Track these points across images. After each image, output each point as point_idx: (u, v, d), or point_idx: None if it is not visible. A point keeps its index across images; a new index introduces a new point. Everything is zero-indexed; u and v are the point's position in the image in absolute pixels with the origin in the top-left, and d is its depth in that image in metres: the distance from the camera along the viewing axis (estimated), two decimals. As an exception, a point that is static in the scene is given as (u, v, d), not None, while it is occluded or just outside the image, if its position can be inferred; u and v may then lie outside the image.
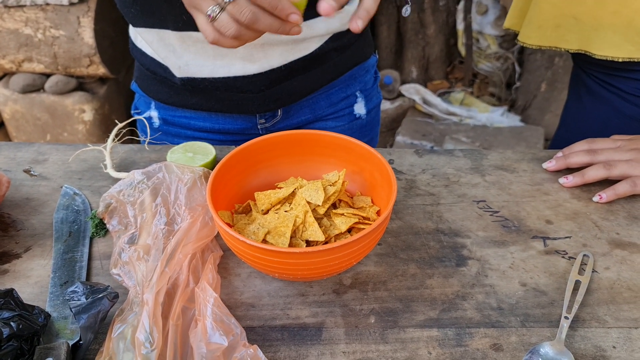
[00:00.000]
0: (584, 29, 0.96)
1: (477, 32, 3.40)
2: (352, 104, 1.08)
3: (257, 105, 0.97)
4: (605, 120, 1.01)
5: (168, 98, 1.00)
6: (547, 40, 1.02)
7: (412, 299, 0.67)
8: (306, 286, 0.69)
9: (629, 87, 0.96)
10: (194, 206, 0.72)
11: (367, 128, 1.13)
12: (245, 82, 0.92)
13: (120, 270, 0.68)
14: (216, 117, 1.02)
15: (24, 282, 0.70)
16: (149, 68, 0.99)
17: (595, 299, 0.67)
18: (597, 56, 0.95)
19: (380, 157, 0.72)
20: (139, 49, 0.99)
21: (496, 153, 0.94)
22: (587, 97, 1.06)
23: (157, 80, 0.99)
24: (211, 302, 0.60)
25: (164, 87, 0.99)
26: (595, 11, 0.93)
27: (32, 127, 2.51)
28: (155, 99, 1.03)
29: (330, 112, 1.06)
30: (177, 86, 0.96)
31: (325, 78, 1.01)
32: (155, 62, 0.97)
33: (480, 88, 3.26)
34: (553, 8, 0.98)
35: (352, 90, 1.08)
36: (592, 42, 0.95)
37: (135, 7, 0.89)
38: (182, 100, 0.99)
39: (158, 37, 0.90)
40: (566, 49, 1.00)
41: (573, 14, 0.96)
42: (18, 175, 0.89)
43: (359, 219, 0.70)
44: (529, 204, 0.83)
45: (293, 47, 0.91)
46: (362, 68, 1.08)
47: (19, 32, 2.28)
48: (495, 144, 2.67)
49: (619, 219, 0.80)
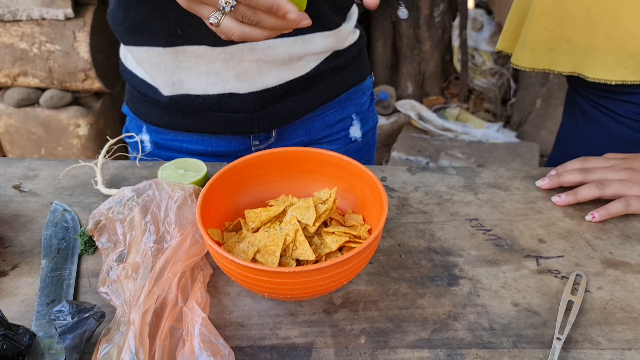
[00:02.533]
0: (577, 52, 0.96)
1: (473, 48, 3.43)
2: (348, 127, 1.07)
3: (250, 126, 0.95)
4: (598, 141, 1.01)
5: (159, 120, 0.98)
6: (540, 63, 1.02)
7: (403, 319, 0.67)
8: (296, 305, 0.68)
9: (622, 109, 0.96)
10: (184, 224, 0.71)
11: (363, 151, 1.12)
12: (239, 101, 0.91)
13: (108, 288, 0.67)
14: (209, 139, 1.00)
15: (10, 301, 0.69)
16: (139, 90, 0.97)
17: (588, 320, 0.66)
18: (590, 79, 0.95)
19: (371, 175, 0.71)
20: (130, 70, 0.98)
21: (489, 171, 0.94)
22: (581, 118, 1.06)
23: (148, 103, 0.98)
24: (199, 322, 0.59)
25: (156, 109, 0.97)
26: (587, 34, 0.93)
27: (26, 141, 2.51)
28: (146, 122, 1.01)
29: (326, 134, 1.05)
30: (169, 108, 0.95)
31: (320, 99, 1.00)
32: (146, 84, 0.95)
33: (476, 104, 3.27)
34: (545, 31, 0.99)
35: (347, 112, 1.06)
36: (585, 65, 0.96)
37: (124, 24, 0.88)
38: (174, 123, 0.97)
39: (148, 55, 0.89)
40: (559, 71, 1.01)
41: (565, 37, 0.96)
42: (7, 192, 0.88)
43: (350, 237, 0.70)
44: (521, 222, 0.82)
45: (289, 66, 0.90)
46: (358, 90, 1.07)
47: (15, 47, 2.29)
48: (490, 160, 2.67)
49: (612, 238, 0.79)
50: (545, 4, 0.97)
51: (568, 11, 0.95)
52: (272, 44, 0.86)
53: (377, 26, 3.19)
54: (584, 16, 0.93)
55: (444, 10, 3.15)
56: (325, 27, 0.91)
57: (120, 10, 0.88)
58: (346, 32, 0.96)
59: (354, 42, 1.01)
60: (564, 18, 0.96)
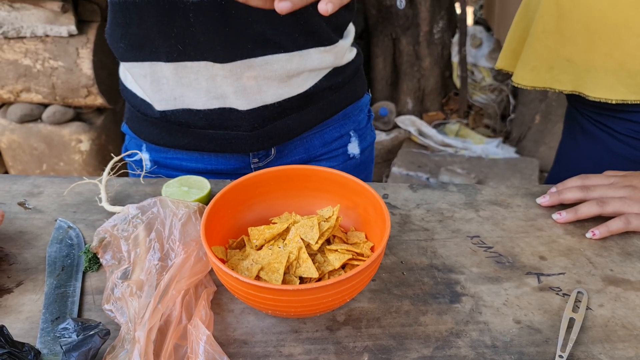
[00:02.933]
0: (577, 71, 0.97)
1: (472, 64, 3.45)
2: (346, 144, 1.08)
3: (250, 144, 0.96)
4: (598, 159, 1.02)
5: (159, 139, 0.99)
6: (541, 82, 1.03)
7: (405, 336, 0.67)
8: (299, 322, 0.69)
9: (622, 127, 0.97)
10: (188, 241, 0.72)
11: (361, 167, 1.13)
12: (238, 118, 0.92)
13: (112, 306, 0.67)
14: (208, 157, 1.01)
15: (14, 318, 0.69)
16: (139, 109, 0.98)
17: (589, 337, 0.67)
18: (590, 98, 0.97)
19: (374, 192, 0.72)
20: (129, 90, 0.99)
21: (490, 188, 0.95)
22: (581, 136, 1.07)
23: (148, 122, 0.98)
24: (203, 340, 0.59)
25: (155, 128, 0.98)
26: (588, 53, 0.95)
27: (28, 157, 2.52)
28: (146, 141, 1.02)
29: (324, 151, 1.06)
30: (168, 126, 0.96)
31: (319, 117, 1.01)
32: (145, 103, 0.96)
33: (475, 120, 3.29)
34: (546, 50, 1.00)
35: (345, 129, 1.07)
36: (585, 84, 0.97)
37: (124, 40, 0.89)
38: (173, 141, 0.98)
39: (150, 71, 0.90)
40: (560, 90, 1.02)
41: (566, 55, 0.98)
42: (12, 208, 0.89)
43: (353, 255, 0.70)
44: (522, 239, 0.83)
45: (288, 84, 0.92)
46: (355, 107, 1.08)
47: (18, 63, 2.30)
48: (490, 176, 2.68)
49: (612, 255, 0.80)
50: (546, 23, 0.99)
51: (569, 30, 0.96)
52: (268, 60, 0.87)
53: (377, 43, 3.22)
54: (585, 36, 0.94)
55: (444, 27, 3.18)
56: (322, 42, 0.92)
57: (119, 28, 0.89)
58: (343, 49, 0.97)
59: (352, 60, 1.03)
60: (565, 37, 0.97)
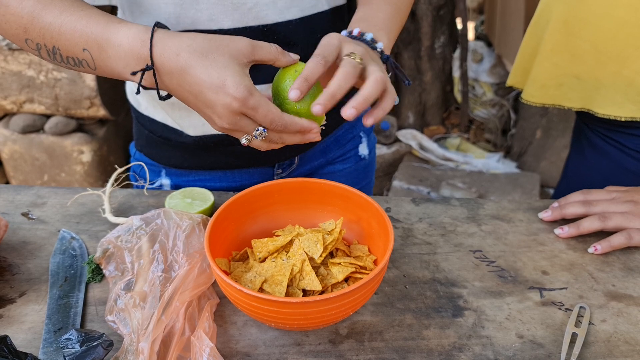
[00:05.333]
0: (586, 88, 0.98)
1: (473, 79, 3.47)
2: (358, 145, 1.11)
3: (276, 154, 0.95)
4: (607, 174, 1.02)
5: (182, 162, 0.99)
6: (551, 99, 1.04)
7: (408, 350, 0.67)
8: (302, 335, 0.69)
9: (631, 142, 0.98)
10: (192, 253, 0.72)
11: (369, 169, 1.16)
12: None
13: (115, 317, 0.67)
14: (232, 174, 1.00)
15: (17, 328, 0.69)
16: (160, 135, 0.97)
17: (592, 353, 0.67)
18: (599, 114, 0.97)
19: (377, 206, 0.72)
20: (147, 116, 0.98)
21: (492, 202, 0.95)
22: (589, 150, 1.07)
23: (170, 146, 0.98)
24: (207, 352, 0.59)
25: (177, 151, 0.98)
26: (596, 71, 0.95)
27: (30, 167, 2.53)
28: (167, 166, 1.01)
29: (340, 154, 1.08)
30: (193, 148, 0.95)
31: (336, 119, 1.01)
32: (168, 128, 0.96)
33: (476, 134, 3.30)
34: (555, 67, 1.00)
35: (357, 130, 1.10)
36: (594, 101, 0.97)
37: None
38: (197, 162, 0.98)
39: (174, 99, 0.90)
40: (569, 107, 1.02)
41: (575, 73, 0.98)
42: (16, 219, 0.89)
43: (356, 268, 0.70)
44: (525, 254, 0.83)
45: None
46: None
47: (22, 74, 2.32)
48: (491, 190, 2.69)
49: (614, 270, 0.80)
50: (555, 41, 0.99)
51: (577, 49, 0.97)
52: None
53: (379, 57, 3.23)
54: (593, 54, 0.95)
55: (445, 42, 3.20)
56: None
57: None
58: None
59: None
60: (574, 56, 0.98)
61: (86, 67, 0.72)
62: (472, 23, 4.01)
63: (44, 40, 0.71)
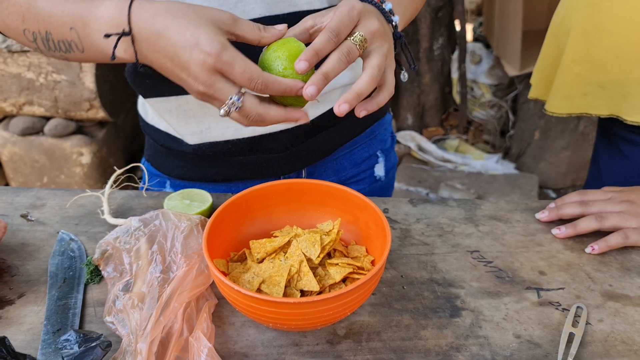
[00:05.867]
0: (612, 96, 0.97)
1: (472, 80, 3.47)
2: (373, 165, 1.07)
3: (282, 166, 0.95)
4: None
5: (185, 173, 0.98)
6: (577, 108, 1.02)
7: (406, 350, 0.67)
8: (300, 336, 0.69)
9: None
10: (190, 254, 0.72)
11: (384, 190, 1.12)
12: (270, 140, 0.91)
13: (114, 318, 0.67)
14: (235, 187, 0.99)
15: (16, 329, 0.70)
16: (163, 144, 0.97)
17: (589, 353, 0.67)
18: (628, 121, 0.96)
19: (375, 207, 0.73)
20: (151, 125, 0.98)
21: (489, 203, 0.95)
22: (621, 142, 1.04)
23: (173, 156, 0.97)
24: (205, 353, 0.60)
25: (180, 161, 0.97)
26: (621, 80, 0.94)
27: (29, 169, 2.53)
28: (171, 177, 1.01)
29: (354, 173, 1.05)
30: (195, 158, 0.95)
31: (347, 134, 1.00)
32: (170, 137, 0.95)
33: (475, 135, 3.30)
34: (578, 77, 0.99)
35: (373, 149, 1.07)
36: (622, 108, 0.96)
37: (150, 79, 0.88)
38: (200, 173, 0.97)
39: (176, 104, 0.89)
40: (597, 114, 1.00)
41: (599, 82, 0.97)
42: (15, 220, 0.89)
43: (354, 268, 0.71)
44: (522, 254, 0.83)
45: (321, 101, 0.91)
46: (380, 125, 1.07)
47: (21, 76, 2.32)
48: (490, 191, 2.69)
49: (611, 270, 0.80)
50: (576, 52, 0.98)
51: (599, 59, 0.95)
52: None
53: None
54: (615, 63, 0.94)
55: (443, 43, 3.20)
56: None
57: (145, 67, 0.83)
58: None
59: None
60: (596, 65, 0.96)
61: (75, 51, 0.72)
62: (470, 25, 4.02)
63: (38, 26, 0.72)
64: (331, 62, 0.65)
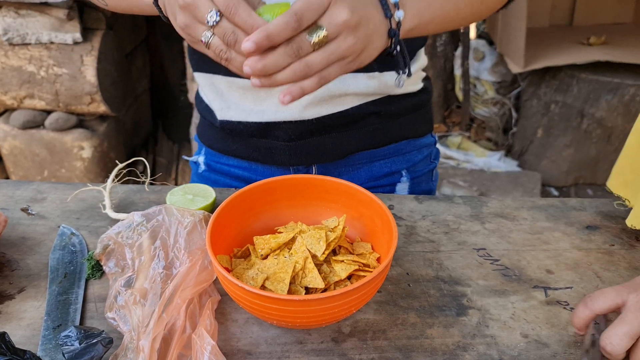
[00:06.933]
0: None
1: (474, 77, 3.46)
2: (395, 183, 1.03)
3: (288, 156, 0.95)
4: None
5: (215, 143, 1.05)
6: None
7: (412, 349, 0.66)
8: (304, 334, 0.68)
9: None
10: (194, 250, 0.71)
11: None
12: (276, 128, 0.93)
13: (115, 314, 0.66)
14: (255, 167, 1.02)
15: (16, 325, 0.69)
16: (204, 115, 1.05)
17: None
18: None
19: (381, 203, 0.72)
20: (200, 96, 1.06)
21: (496, 200, 0.94)
22: None
23: (208, 126, 1.05)
24: (208, 350, 0.59)
25: (212, 132, 1.04)
26: None
27: (30, 163, 2.52)
28: (206, 145, 1.08)
29: (370, 186, 1.01)
30: (221, 132, 1.00)
31: (363, 142, 0.97)
32: (208, 108, 1.02)
33: (478, 132, 3.29)
34: None
35: (397, 167, 1.02)
36: None
37: (197, 53, 0.95)
38: (225, 146, 1.03)
39: (210, 82, 0.98)
40: None
41: None
42: (15, 214, 0.88)
43: (359, 266, 0.70)
44: (529, 252, 0.82)
45: (329, 103, 0.91)
46: (411, 144, 1.03)
47: (22, 69, 2.31)
48: (492, 189, 2.68)
49: (620, 269, 0.79)
50: None
51: None
52: None
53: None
54: None
55: (447, 40, 3.19)
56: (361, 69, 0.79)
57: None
58: (390, 79, 0.92)
59: (412, 93, 0.99)
60: None
61: None
62: (473, 21, 3.99)
63: None
64: (274, 57, 0.59)
